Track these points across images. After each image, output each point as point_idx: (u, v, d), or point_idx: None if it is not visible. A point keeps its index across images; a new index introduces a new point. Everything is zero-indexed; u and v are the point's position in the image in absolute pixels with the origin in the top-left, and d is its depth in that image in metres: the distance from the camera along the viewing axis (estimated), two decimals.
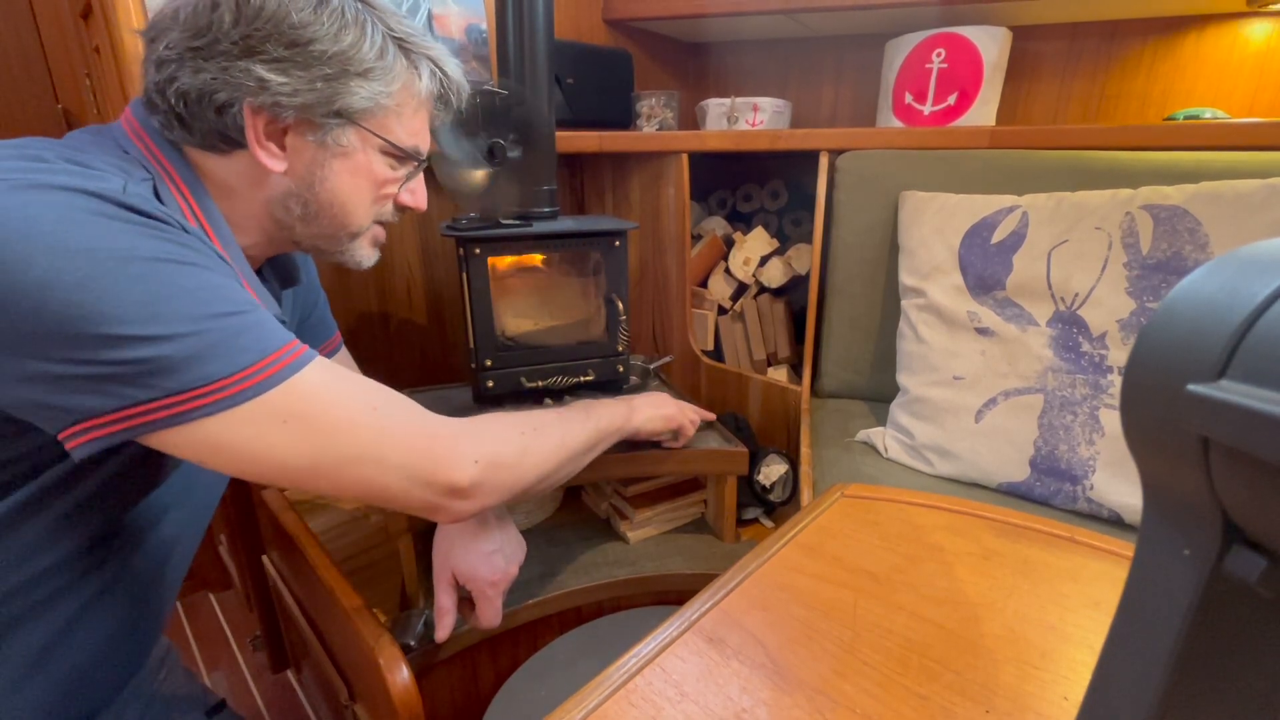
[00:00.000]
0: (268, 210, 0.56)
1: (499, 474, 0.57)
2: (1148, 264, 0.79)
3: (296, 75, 0.50)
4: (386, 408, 0.52)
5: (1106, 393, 0.78)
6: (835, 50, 1.53)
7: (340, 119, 0.54)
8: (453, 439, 0.55)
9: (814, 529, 0.57)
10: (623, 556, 0.98)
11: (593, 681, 0.41)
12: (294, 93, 0.50)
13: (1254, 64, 1.16)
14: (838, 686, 0.40)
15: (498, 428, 0.60)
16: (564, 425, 0.67)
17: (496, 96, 0.85)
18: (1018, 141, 1.00)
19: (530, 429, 0.63)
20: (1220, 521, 0.19)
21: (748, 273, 1.32)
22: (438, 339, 1.27)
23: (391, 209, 0.63)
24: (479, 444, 0.57)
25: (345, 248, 0.61)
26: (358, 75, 0.53)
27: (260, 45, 0.49)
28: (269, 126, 0.52)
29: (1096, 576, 0.50)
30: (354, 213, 0.59)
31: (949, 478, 0.87)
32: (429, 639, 0.79)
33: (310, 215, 0.57)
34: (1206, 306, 0.18)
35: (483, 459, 0.56)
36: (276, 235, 0.58)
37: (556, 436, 0.65)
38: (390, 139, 0.57)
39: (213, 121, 0.51)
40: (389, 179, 0.60)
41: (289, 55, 0.50)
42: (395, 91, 0.56)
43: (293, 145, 0.54)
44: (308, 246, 0.60)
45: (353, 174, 0.57)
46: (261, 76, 0.49)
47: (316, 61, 0.51)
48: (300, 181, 0.55)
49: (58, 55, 1.79)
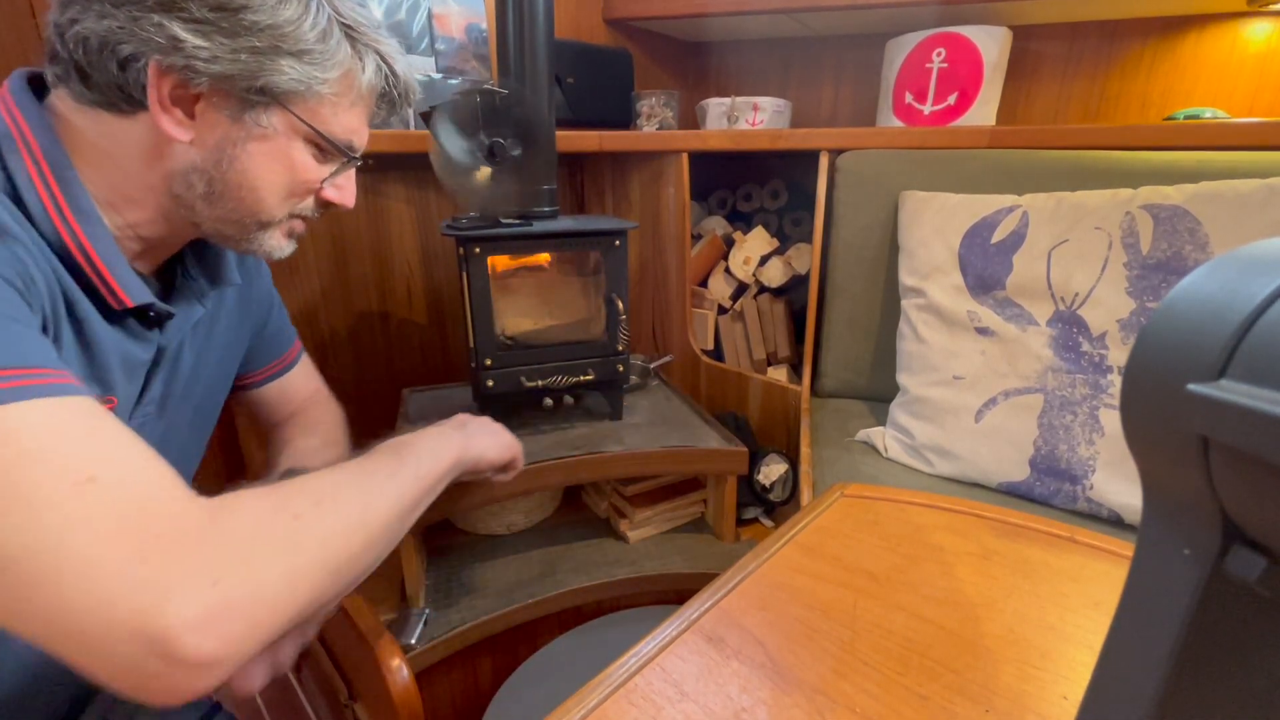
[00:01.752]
0: (166, 184, 0.50)
1: (253, 609, 0.37)
2: (1148, 264, 0.79)
3: (219, 41, 0.45)
4: (110, 476, 0.36)
5: (1106, 392, 0.78)
6: (835, 50, 1.53)
7: (264, 97, 0.48)
8: (179, 540, 0.36)
9: (814, 529, 0.57)
10: (622, 556, 0.98)
11: (593, 681, 0.41)
12: (212, 59, 0.45)
13: (1254, 64, 1.16)
14: (837, 686, 0.40)
15: (251, 518, 0.41)
16: (363, 486, 0.50)
17: (496, 96, 0.85)
18: (1018, 141, 1.00)
19: (309, 504, 0.44)
20: (1220, 521, 0.19)
21: (748, 272, 1.32)
22: (438, 339, 1.27)
23: (312, 203, 0.57)
24: (221, 549, 0.38)
25: (253, 236, 0.55)
26: (290, 54, 0.48)
27: (181, 1, 0.44)
28: (176, 90, 0.46)
29: (1096, 576, 0.50)
30: (265, 200, 0.53)
31: (949, 477, 0.87)
32: (429, 638, 0.79)
33: (215, 195, 0.51)
34: (1207, 306, 0.18)
35: (226, 579, 0.37)
36: (174, 214, 0.52)
37: (354, 508, 0.47)
38: (320, 128, 0.52)
39: (114, 75, 0.45)
40: (311, 171, 0.54)
41: (213, 18, 0.45)
42: (333, 79, 0.51)
43: (203, 115, 0.48)
44: (210, 230, 0.54)
45: (269, 158, 0.51)
46: (175, 35, 0.44)
47: (246, 31, 0.46)
48: (207, 157, 0.49)
49: None
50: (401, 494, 0.53)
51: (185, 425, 0.63)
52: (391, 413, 1.14)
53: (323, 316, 1.10)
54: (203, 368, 0.62)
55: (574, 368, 0.97)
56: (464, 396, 1.15)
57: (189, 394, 0.61)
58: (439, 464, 0.59)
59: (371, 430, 0.59)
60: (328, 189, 0.57)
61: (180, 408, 0.61)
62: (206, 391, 0.65)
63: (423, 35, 1.14)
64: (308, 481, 0.47)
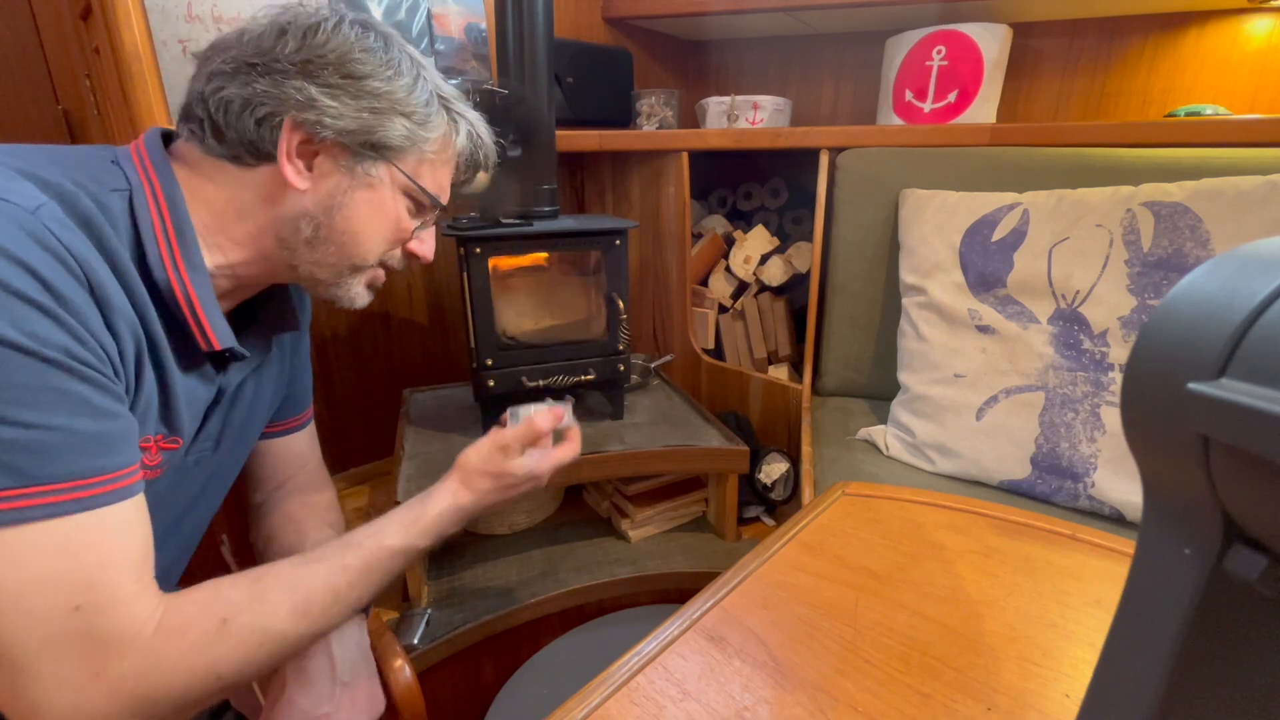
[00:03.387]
0: (274, 229, 0.55)
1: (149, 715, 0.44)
2: (1149, 261, 0.79)
3: (345, 101, 0.53)
4: (93, 605, 0.42)
5: (1107, 390, 0.78)
6: (835, 48, 1.53)
7: (375, 152, 0.55)
8: (120, 680, 0.42)
9: (815, 527, 0.57)
10: (624, 555, 0.98)
11: (595, 680, 0.41)
12: (339, 116, 0.52)
13: (1255, 60, 1.16)
14: (839, 685, 0.40)
15: (197, 640, 0.46)
16: (341, 602, 0.55)
17: (496, 96, 0.85)
18: (1018, 139, 1.00)
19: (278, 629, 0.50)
20: (1220, 520, 0.19)
21: (748, 271, 1.32)
22: (438, 339, 1.27)
23: (399, 255, 0.63)
24: (151, 689, 0.43)
25: (344, 281, 0.60)
26: (402, 115, 0.55)
27: (317, 71, 0.52)
28: (303, 145, 0.53)
29: (1098, 574, 0.50)
30: (365, 245, 0.58)
31: (950, 475, 0.87)
32: (431, 638, 0.79)
33: (319, 240, 0.56)
34: (1207, 305, 0.18)
35: (142, 712, 0.43)
36: (275, 256, 0.57)
37: (318, 618, 0.53)
38: (419, 182, 0.59)
39: (249, 132, 0.52)
40: (406, 221, 0.60)
41: (343, 84, 0.52)
42: (434, 139, 0.58)
43: (321, 168, 0.54)
44: (305, 275, 0.59)
45: (373, 207, 0.57)
46: (311, 95, 0.51)
47: (367, 95, 0.53)
48: (319, 203, 0.55)
49: (58, 56, 1.79)
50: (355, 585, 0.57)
51: (234, 462, 0.68)
52: (393, 413, 1.14)
53: (323, 317, 1.10)
54: (255, 408, 0.66)
55: (575, 367, 0.97)
56: (465, 396, 1.15)
57: (242, 433, 0.65)
58: (416, 536, 0.61)
59: (372, 430, 0.59)
60: (414, 241, 0.63)
61: (234, 446, 0.65)
62: (254, 431, 0.69)
63: (422, 35, 1.14)
64: (272, 586, 0.51)
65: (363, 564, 0.57)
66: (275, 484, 0.75)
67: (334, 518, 0.75)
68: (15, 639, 0.39)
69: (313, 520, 0.72)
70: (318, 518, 0.73)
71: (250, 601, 0.49)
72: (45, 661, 0.40)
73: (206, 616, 0.47)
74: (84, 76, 1.42)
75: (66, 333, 0.41)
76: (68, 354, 0.41)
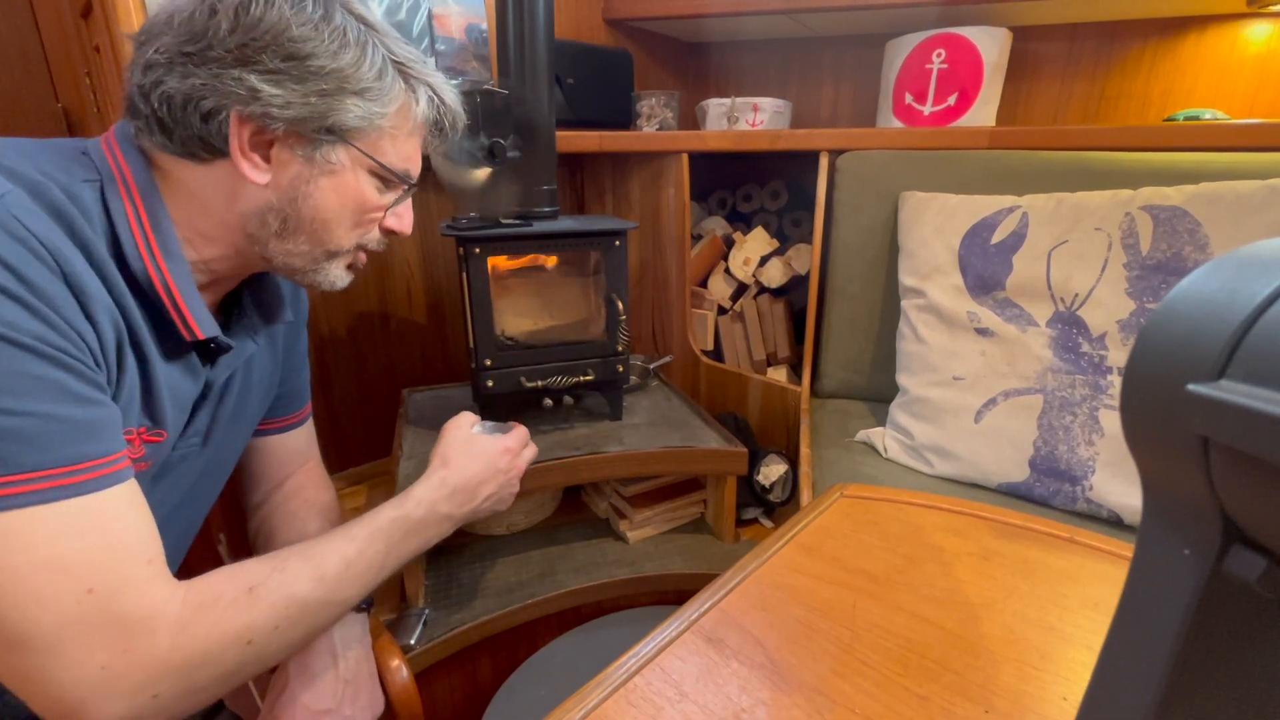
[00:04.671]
0: (241, 223, 0.53)
1: (179, 710, 0.45)
2: (1147, 264, 0.79)
3: (291, 88, 0.49)
4: (107, 588, 0.42)
5: (1106, 393, 0.78)
6: (835, 50, 1.53)
7: (332, 136, 0.52)
8: (142, 661, 0.43)
9: (813, 529, 0.57)
10: (622, 556, 0.98)
11: (592, 681, 0.41)
12: (286, 105, 0.49)
13: (1254, 65, 1.16)
14: (837, 687, 0.40)
15: (219, 630, 0.47)
16: (340, 598, 0.55)
17: (496, 96, 0.85)
18: (1018, 142, 1.00)
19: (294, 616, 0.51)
20: (1220, 521, 0.19)
21: (748, 273, 1.32)
22: (438, 339, 1.27)
23: (377, 235, 0.61)
24: (176, 670, 0.44)
25: (320, 267, 0.58)
26: (354, 93, 0.52)
27: (256, 55, 0.48)
28: (255, 137, 0.50)
29: (1096, 577, 0.50)
30: (335, 231, 0.56)
31: (948, 478, 0.87)
32: (428, 639, 0.79)
33: (289, 231, 0.54)
34: (1206, 306, 0.18)
35: (166, 693, 0.44)
36: (247, 250, 0.55)
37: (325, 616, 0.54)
38: (382, 160, 0.56)
39: (196, 128, 0.49)
40: (375, 202, 0.58)
41: (285, 68, 0.49)
42: (391, 113, 0.55)
43: (278, 158, 0.52)
44: (280, 263, 0.57)
45: (338, 192, 0.55)
46: (254, 86, 0.48)
47: (313, 76, 0.50)
48: (282, 196, 0.53)
49: (58, 55, 1.79)
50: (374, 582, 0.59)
51: (224, 458, 0.67)
52: (392, 413, 1.14)
53: (323, 316, 1.10)
54: (245, 402, 0.65)
55: (574, 368, 0.97)
56: (464, 396, 1.15)
57: (232, 428, 0.64)
58: (411, 543, 0.63)
59: (371, 430, 0.59)
60: (389, 218, 0.61)
61: (225, 441, 0.64)
62: (246, 426, 0.68)
63: (423, 35, 1.14)
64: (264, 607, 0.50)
65: (367, 531, 0.59)
66: (274, 482, 0.75)
67: (335, 518, 0.74)
68: (30, 625, 0.39)
69: (314, 519, 0.72)
70: (320, 516, 0.72)
71: (272, 571, 0.51)
72: (66, 644, 0.40)
73: (234, 586, 0.48)
74: (84, 75, 1.42)
75: (39, 319, 0.41)
76: (41, 340, 0.41)
